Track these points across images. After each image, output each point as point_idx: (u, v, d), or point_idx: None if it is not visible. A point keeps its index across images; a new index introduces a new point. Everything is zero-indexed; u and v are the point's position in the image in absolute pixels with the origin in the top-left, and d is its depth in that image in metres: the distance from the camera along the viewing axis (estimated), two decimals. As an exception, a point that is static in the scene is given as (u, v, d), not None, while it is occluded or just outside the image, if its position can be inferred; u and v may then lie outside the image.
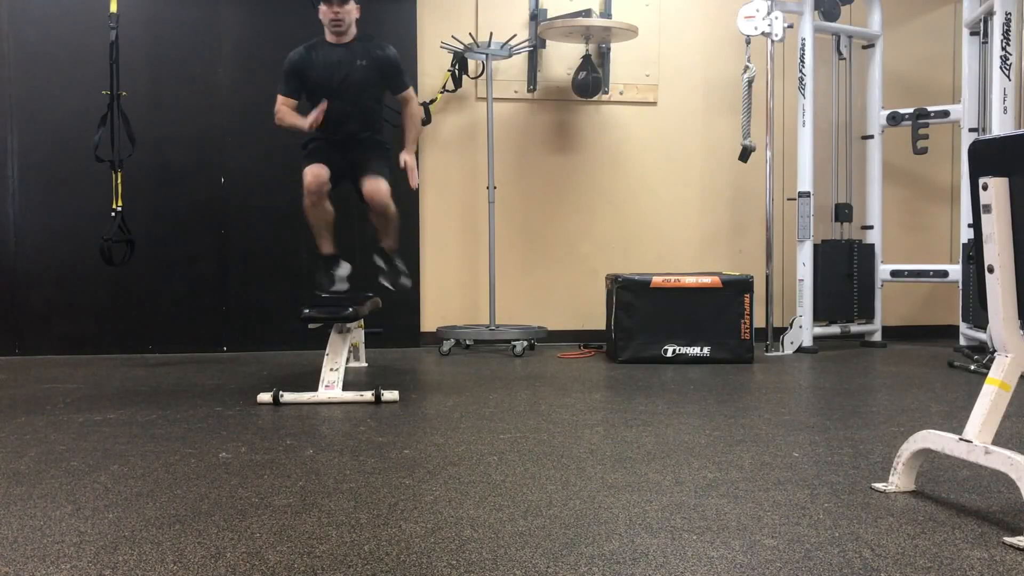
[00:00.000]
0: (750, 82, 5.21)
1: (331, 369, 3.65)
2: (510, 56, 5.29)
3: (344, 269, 4.04)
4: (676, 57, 5.69)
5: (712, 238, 5.78)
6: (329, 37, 3.98)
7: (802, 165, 5.22)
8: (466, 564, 1.75)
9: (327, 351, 3.72)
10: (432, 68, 5.41)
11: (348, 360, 4.03)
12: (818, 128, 5.38)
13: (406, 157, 4.03)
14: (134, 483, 2.34)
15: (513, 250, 5.56)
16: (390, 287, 4.12)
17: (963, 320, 5.19)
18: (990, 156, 2.08)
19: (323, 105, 3.80)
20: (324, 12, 3.93)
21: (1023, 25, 4.64)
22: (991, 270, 2.03)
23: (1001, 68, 4.65)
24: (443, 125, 5.48)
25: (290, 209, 4.48)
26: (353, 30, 3.99)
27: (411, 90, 4.18)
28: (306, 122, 3.82)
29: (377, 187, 3.87)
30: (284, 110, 3.96)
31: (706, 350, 4.75)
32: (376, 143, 4.09)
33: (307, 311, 3.78)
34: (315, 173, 3.81)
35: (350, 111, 3.96)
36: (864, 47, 5.62)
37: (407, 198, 4.66)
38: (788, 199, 5.50)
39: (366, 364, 4.65)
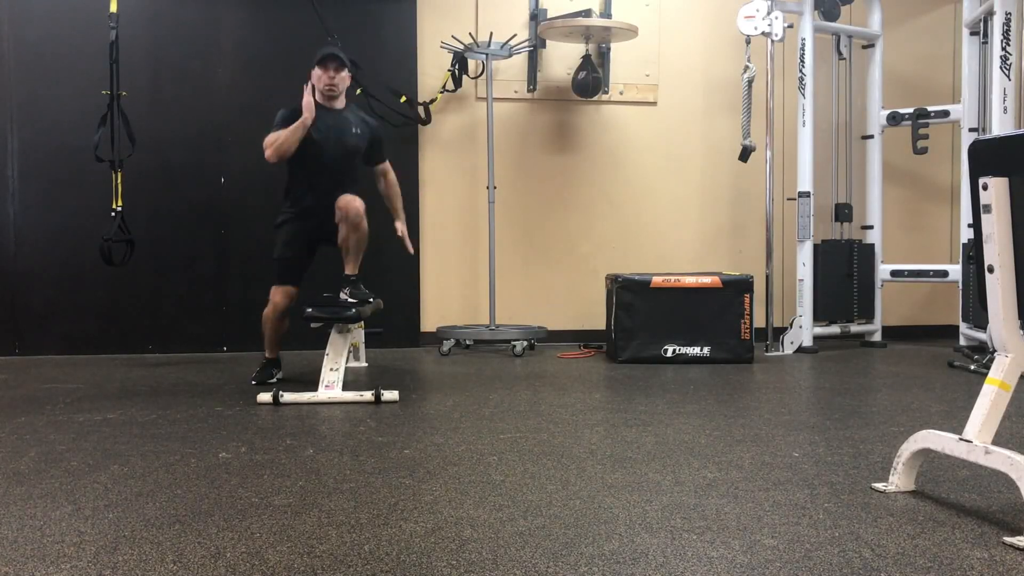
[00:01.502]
0: (750, 82, 5.20)
1: (331, 369, 3.65)
2: (510, 56, 5.29)
3: (278, 375, 4.10)
4: (676, 57, 5.68)
5: (712, 238, 5.78)
6: (319, 100, 3.94)
7: (802, 165, 5.22)
8: (466, 564, 1.75)
9: (327, 351, 3.72)
10: (432, 68, 5.41)
11: (348, 360, 4.03)
12: (818, 128, 5.38)
13: (401, 226, 4.20)
14: (134, 483, 2.35)
15: (513, 250, 5.55)
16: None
17: (963, 320, 5.19)
18: (990, 156, 2.08)
19: (308, 91, 3.82)
20: (319, 76, 3.92)
21: (1023, 25, 4.64)
22: (991, 270, 2.03)
23: (1001, 68, 4.65)
24: (443, 125, 5.48)
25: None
26: (343, 98, 4.02)
27: (387, 162, 4.28)
28: (304, 116, 3.78)
29: (351, 200, 3.85)
30: (277, 133, 3.85)
31: (706, 350, 4.75)
32: None
33: (309, 310, 3.78)
34: (287, 294, 3.97)
35: (338, 176, 3.98)
36: (864, 47, 5.62)
37: (407, 198, 4.65)
38: (788, 199, 5.50)
39: (366, 364, 4.65)
